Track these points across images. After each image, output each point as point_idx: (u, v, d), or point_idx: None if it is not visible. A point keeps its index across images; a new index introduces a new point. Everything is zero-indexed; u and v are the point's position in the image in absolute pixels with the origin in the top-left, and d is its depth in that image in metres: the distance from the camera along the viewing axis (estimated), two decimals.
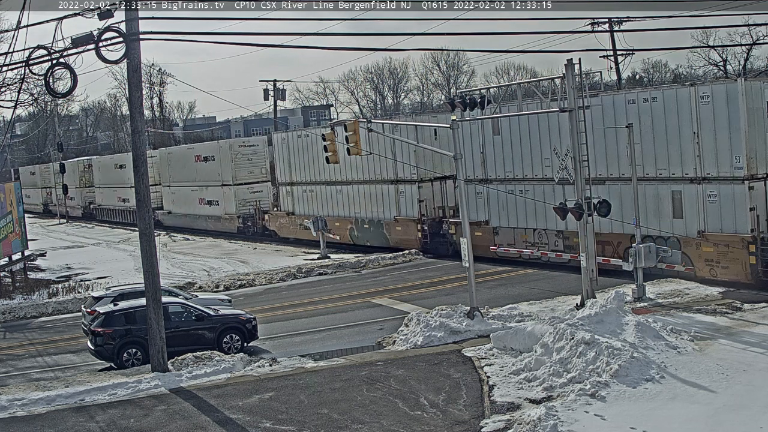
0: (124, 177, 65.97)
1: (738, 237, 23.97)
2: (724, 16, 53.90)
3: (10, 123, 70.99)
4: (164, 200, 61.85)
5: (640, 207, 24.80)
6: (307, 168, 43.90)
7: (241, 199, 51.59)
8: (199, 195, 55.86)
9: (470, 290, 22.43)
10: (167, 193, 61.17)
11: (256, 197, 51.25)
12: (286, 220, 46.19)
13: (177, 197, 59.38)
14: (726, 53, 67.54)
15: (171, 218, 60.25)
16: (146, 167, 20.18)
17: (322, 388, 17.69)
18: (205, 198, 55.29)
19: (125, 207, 67.01)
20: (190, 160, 56.89)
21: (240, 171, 51.89)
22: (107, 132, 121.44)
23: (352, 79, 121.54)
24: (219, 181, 53.06)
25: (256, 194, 51.47)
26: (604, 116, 27.12)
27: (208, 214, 54.82)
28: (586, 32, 45.70)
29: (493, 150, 32.51)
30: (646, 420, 14.12)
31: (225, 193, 52.54)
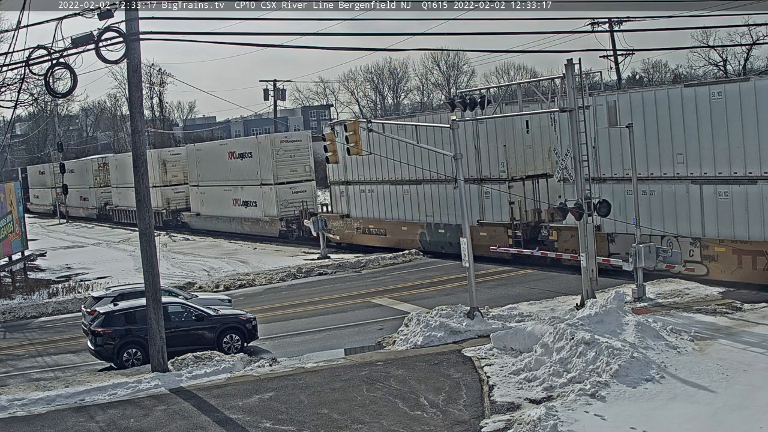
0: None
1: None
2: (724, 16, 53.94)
3: (10, 123, 70.98)
4: (192, 201, 57.88)
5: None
6: (367, 164, 38.76)
7: (283, 200, 47.02)
8: (234, 195, 51.59)
9: (470, 290, 22.43)
10: (196, 194, 56.90)
11: (299, 198, 46.94)
12: (339, 223, 41.63)
13: (207, 198, 55.05)
14: (726, 53, 67.56)
15: (200, 220, 56.26)
16: (146, 167, 20.15)
17: (322, 388, 17.69)
18: (241, 198, 50.95)
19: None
20: (223, 156, 52.65)
21: (282, 169, 47.01)
22: (107, 132, 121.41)
23: (352, 79, 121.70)
24: (257, 180, 48.54)
25: (299, 194, 47.17)
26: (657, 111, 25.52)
27: (244, 217, 50.41)
28: (586, 32, 45.73)
29: (609, 144, 27.58)
30: (646, 420, 14.12)
31: (265, 193, 48.07)
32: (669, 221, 26.01)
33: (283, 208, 47.06)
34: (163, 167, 60.80)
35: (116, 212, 70.26)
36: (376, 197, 39.22)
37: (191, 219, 57.38)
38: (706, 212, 24.98)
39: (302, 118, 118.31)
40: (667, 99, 25.67)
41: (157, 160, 60.25)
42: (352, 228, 41.02)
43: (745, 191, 23.88)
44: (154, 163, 58.88)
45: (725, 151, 24.20)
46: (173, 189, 60.68)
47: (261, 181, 48.22)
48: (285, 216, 46.62)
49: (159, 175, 60.05)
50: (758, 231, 23.57)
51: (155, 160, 59.61)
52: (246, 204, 50.50)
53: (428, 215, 36.09)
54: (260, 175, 48.27)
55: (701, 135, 24.74)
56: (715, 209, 24.71)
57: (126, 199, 67.28)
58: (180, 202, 60.34)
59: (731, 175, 24.21)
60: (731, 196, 24.26)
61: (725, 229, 24.49)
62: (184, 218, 58.30)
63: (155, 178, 59.05)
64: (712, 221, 24.84)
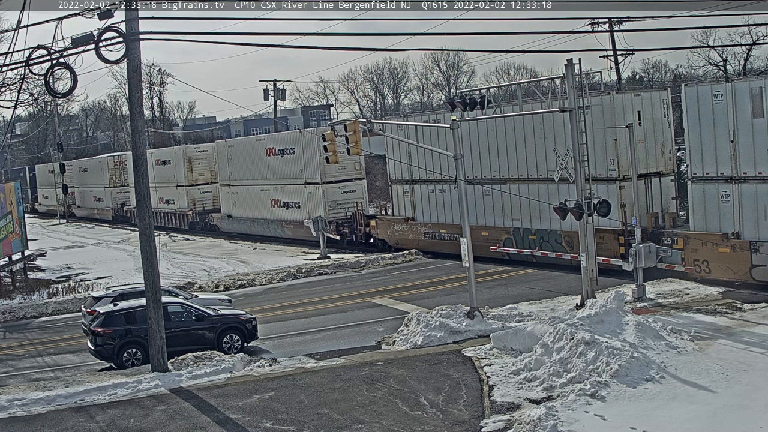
0: (168, 175, 58.80)
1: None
2: (724, 16, 53.92)
3: (10, 123, 70.97)
4: (222, 202, 53.33)
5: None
6: (438, 160, 33.81)
7: (331, 201, 42.46)
8: (272, 196, 47.09)
9: (470, 290, 22.43)
10: (227, 194, 52.32)
11: (350, 198, 42.57)
12: (403, 227, 37.60)
13: (241, 198, 50.51)
14: (726, 53, 67.49)
15: (232, 223, 51.71)
16: (146, 167, 20.13)
17: (322, 388, 17.69)
18: (281, 199, 46.39)
19: (169, 209, 59.35)
20: (260, 153, 47.93)
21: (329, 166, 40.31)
22: (107, 132, 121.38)
23: (352, 79, 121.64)
24: (300, 178, 43.96)
25: (349, 194, 42.77)
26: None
27: (285, 219, 45.59)
28: (586, 32, 45.69)
29: (752, 138, 23.39)
30: (646, 420, 14.12)
31: (310, 193, 43.47)
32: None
33: (332, 209, 42.54)
34: (189, 165, 57.02)
35: (134, 214, 67.63)
36: (449, 198, 34.26)
37: (221, 221, 53.06)
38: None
39: (302, 118, 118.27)
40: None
41: (183, 158, 56.98)
42: (418, 233, 36.67)
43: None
44: (179, 160, 56.85)
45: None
46: (200, 189, 56.92)
47: (305, 180, 43.78)
48: (334, 218, 42.07)
49: (184, 173, 56.82)
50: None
51: (180, 158, 56.95)
52: (287, 205, 46.00)
53: (515, 218, 31.57)
54: (304, 173, 43.70)
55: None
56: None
57: None
58: (207, 203, 56.56)
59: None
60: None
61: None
62: (214, 220, 54.21)
63: (180, 176, 56.92)
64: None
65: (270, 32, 47.19)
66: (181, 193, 57.09)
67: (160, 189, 59.45)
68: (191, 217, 56.24)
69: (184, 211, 56.46)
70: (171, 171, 58.17)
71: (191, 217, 56.24)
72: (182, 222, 57.20)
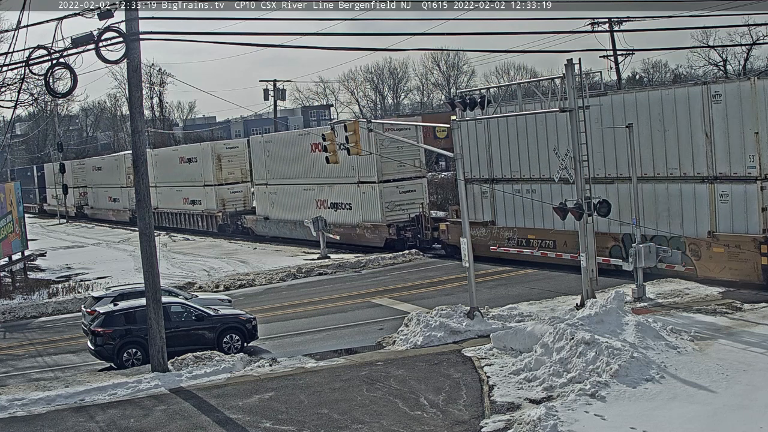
0: (194, 173, 55.03)
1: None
2: (724, 16, 53.88)
3: (10, 123, 70.85)
4: (258, 202, 49.73)
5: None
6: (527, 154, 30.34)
7: (389, 202, 38.52)
8: (318, 196, 43.18)
9: (470, 290, 22.43)
10: (263, 194, 48.43)
11: (410, 198, 38.63)
12: (481, 231, 32.81)
13: (280, 199, 46.64)
14: (726, 53, 67.54)
15: (269, 225, 47.70)
16: (146, 167, 20.14)
17: (322, 388, 17.69)
18: (328, 200, 42.44)
19: (195, 211, 55.45)
20: (303, 149, 43.68)
21: (387, 163, 37.89)
22: (107, 132, 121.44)
23: (352, 79, 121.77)
24: (352, 177, 40.06)
25: (408, 194, 38.70)
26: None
27: (333, 222, 41.16)
28: (586, 32, 45.72)
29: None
30: (646, 420, 14.12)
31: (364, 193, 39.65)
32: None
33: (389, 211, 38.47)
34: (218, 163, 53.32)
35: (156, 215, 59.73)
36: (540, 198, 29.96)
37: (257, 224, 49.07)
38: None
39: (302, 118, 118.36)
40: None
41: (211, 155, 53.37)
42: (500, 238, 32.11)
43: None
44: (207, 158, 53.56)
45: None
46: (229, 188, 53.21)
47: (358, 179, 39.84)
48: (394, 221, 38.14)
49: (213, 172, 53.21)
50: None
51: (209, 155, 53.42)
52: (336, 207, 41.87)
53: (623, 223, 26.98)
54: (357, 171, 39.52)
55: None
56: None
57: (169, 200, 59.27)
58: (237, 203, 53.02)
59: None
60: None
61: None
62: (247, 222, 50.29)
63: (208, 175, 53.60)
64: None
65: (270, 32, 47.17)
66: (209, 194, 53.57)
67: (185, 189, 56.57)
68: (221, 218, 52.65)
69: (213, 213, 53.12)
70: (197, 169, 54.57)
71: (221, 218, 52.65)
72: (210, 224, 53.69)
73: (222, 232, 52.22)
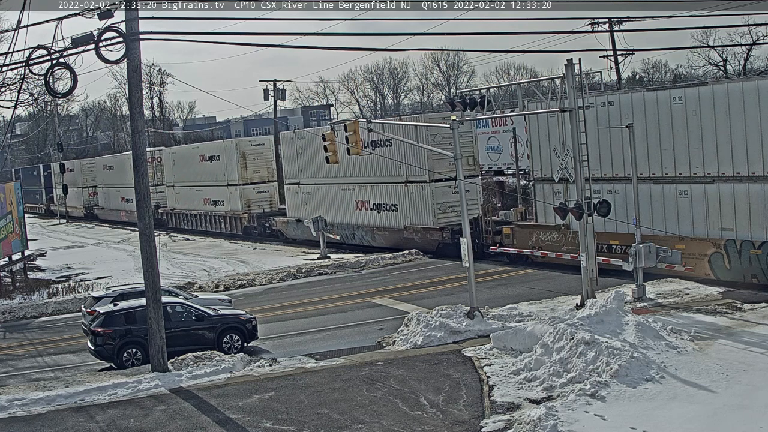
0: (216, 172, 52.01)
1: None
2: (724, 16, 53.91)
3: (10, 123, 70.81)
4: (289, 203, 46.00)
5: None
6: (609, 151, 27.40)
7: (441, 203, 35.28)
8: (359, 196, 39.89)
9: (470, 290, 22.43)
10: (295, 194, 45.18)
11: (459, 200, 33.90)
12: (553, 236, 29.69)
13: (314, 199, 43.25)
14: (726, 53, 67.52)
15: (302, 228, 43.89)
16: (146, 167, 20.10)
17: (322, 388, 17.70)
18: (370, 201, 39.19)
19: (217, 212, 52.51)
20: (341, 146, 39.89)
21: (440, 161, 33.89)
22: (107, 132, 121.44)
23: (352, 79, 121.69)
24: (399, 176, 36.81)
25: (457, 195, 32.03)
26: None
27: (376, 225, 38.41)
28: (586, 32, 45.70)
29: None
30: (646, 420, 14.12)
31: (412, 193, 36.44)
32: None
33: (441, 213, 35.34)
34: (243, 161, 50.12)
35: (173, 217, 58.50)
36: (623, 200, 26.67)
37: (287, 226, 45.49)
38: None
39: (302, 118, 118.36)
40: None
41: (236, 152, 50.23)
42: (576, 243, 26.71)
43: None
44: (231, 155, 50.65)
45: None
46: (255, 188, 50.23)
47: (406, 178, 36.53)
48: (446, 224, 34.97)
49: (238, 170, 50.04)
50: None
51: (233, 152, 50.43)
52: (378, 208, 38.65)
53: (725, 228, 24.18)
54: (404, 169, 36.16)
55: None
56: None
57: (189, 200, 55.96)
58: (264, 204, 50.08)
59: None
60: None
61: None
62: (277, 224, 46.97)
63: (232, 174, 50.60)
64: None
65: (270, 32, 47.22)
66: (234, 194, 50.43)
67: (206, 188, 53.41)
68: (246, 220, 49.51)
69: (237, 214, 50.08)
70: (220, 168, 51.50)
71: (246, 220, 49.51)
72: (234, 226, 50.77)
73: (247, 234, 49.39)
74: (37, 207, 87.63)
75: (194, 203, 55.71)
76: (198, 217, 55.03)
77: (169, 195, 59.21)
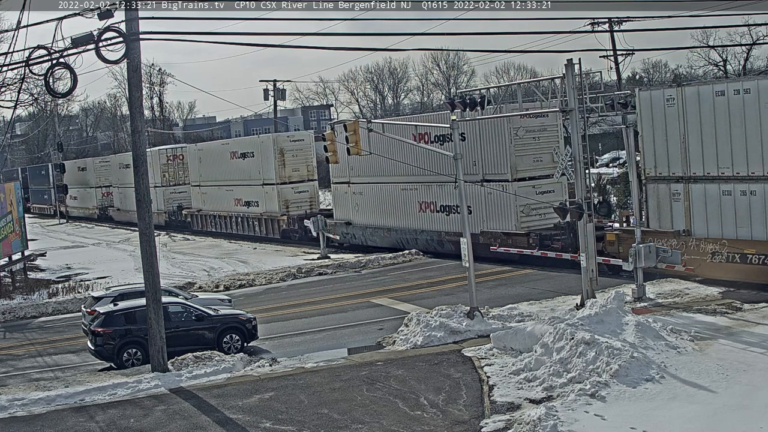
0: (250, 170, 48.07)
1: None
2: (724, 16, 53.91)
3: (10, 123, 70.80)
4: (336, 204, 42.05)
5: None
6: (742, 144, 23.70)
7: (524, 205, 31.33)
8: (423, 197, 35.65)
9: (470, 290, 22.43)
10: (343, 194, 41.22)
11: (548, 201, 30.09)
12: (671, 243, 25.09)
13: (367, 200, 39.40)
14: (726, 53, 67.48)
15: (351, 232, 40.60)
16: (146, 167, 20.11)
17: (322, 388, 17.70)
18: (437, 202, 34.75)
19: (250, 213, 48.43)
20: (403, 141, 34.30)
21: (522, 157, 31.34)
22: (107, 132, 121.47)
23: (352, 79, 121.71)
24: (474, 174, 32.28)
25: (546, 195, 30.94)
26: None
27: (445, 230, 34.33)
28: (586, 32, 45.68)
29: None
30: (646, 420, 14.13)
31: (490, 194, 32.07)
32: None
33: (525, 216, 31.57)
34: (281, 158, 46.00)
35: (199, 218, 54.37)
36: (763, 202, 23.34)
37: (335, 229, 41.20)
38: None
39: (302, 118, 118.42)
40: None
41: (273, 149, 45.73)
42: (699, 252, 24.42)
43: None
44: (267, 152, 46.42)
45: None
46: (293, 187, 46.06)
47: (482, 176, 32.69)
48: (531, 229, 31.12)
49: (275, 168, 45.71)
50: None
51: (270, 149, 45.99)
52: (447, 210, 34.61)
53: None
54: (481, 166, 32.67)
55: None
56: None
57: (217, 201, 52.07)
58: (303, 205, 45.96)
59: None
60: None
61: None
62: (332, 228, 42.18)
63: (268, 172, 46.45)
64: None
65: (270, 32, 47.17)
66: (270, 194, 46.40)
67: (238, 188, 49.55)
68: (285, 223, 45.06)
69: (274, 216, 45.78)
70: (254, 166, 47.60)
71: (285, 223, 45.06)
72: (271, 229, 46.58)
73: (286, 238, 45.19)
74: (46, 208, 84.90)
75: (224, 204, 51.67)
76: (228, 219, 50.93)
77: (195, 195, 55.58)
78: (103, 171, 72.02)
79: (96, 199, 73.14)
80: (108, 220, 69.84)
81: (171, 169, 59.03)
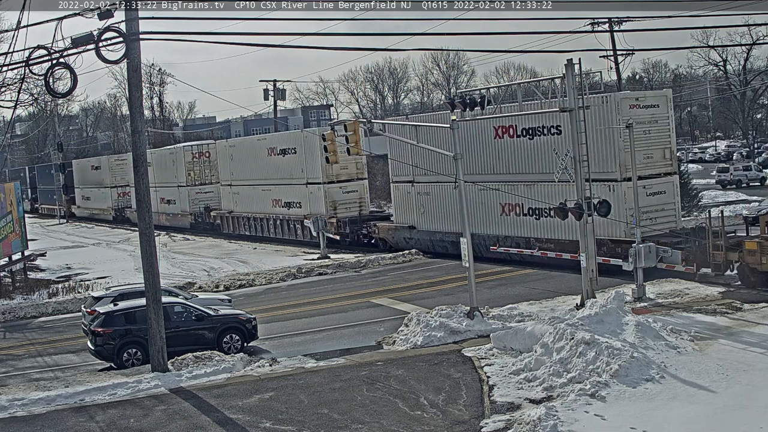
0: (291, 169, 43.83)
1: None
2: (724, 16, 53.97)
3: (10, 123, 70.74)
4: (397, 206, 38.50)
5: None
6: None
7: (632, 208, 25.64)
8: (507, 198, 31.35)
9: (470, 290, 22.42)
10: (406, 194, 37.45)
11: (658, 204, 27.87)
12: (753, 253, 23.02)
13: (436, 201, 35.48)
14: (726, 53, 67.63)
15: (416, 237, 36.93)
16: (146, 167, 20.09)
17: (322, 388, 17.70)
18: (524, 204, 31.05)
19: (291, 215, 44.17)
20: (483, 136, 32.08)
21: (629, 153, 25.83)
22: (107, 132, 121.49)
23: (352, 79, 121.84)
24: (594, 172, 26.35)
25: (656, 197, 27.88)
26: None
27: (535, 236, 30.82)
28: (586, 32, 45.68)
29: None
30: (646, 420, 14.13)
31: (616, 192, 27.39)
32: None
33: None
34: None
35: (230, 221, 50.09)
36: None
37: (396, 234, 38.04)
38: None
39: (302, 118, 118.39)
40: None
41: (319, 144, 36.24)
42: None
43: None
44: (313, 148, 41.51)
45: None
46: (341, 187, 41.91)
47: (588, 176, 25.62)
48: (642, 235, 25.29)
49: (321, 166, 40.69)
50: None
51: (316, 144, 39.78)
52: (537, 214, 30.57)
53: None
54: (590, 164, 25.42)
55: None
56: None
57: (252, 202, 47.77)
58: (352, 206, 41.88)
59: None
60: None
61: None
62: (380, 231, 39.24)
63: (314, 171, 42.20)
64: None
65: (270, 32, 46.86)
66: (315, 194, 42.30)
67: (277, 188, 45.44)
68: (334, 225, 40.87)
69: (324, 218, 40.91)
70: (296, 163, 43.51)
71: (334, 225, 40.87)
72: (311, 231, 41.28)
73: (333, 243, 40.57)
74: (54, 209, 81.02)
75: (260, 205, 47.32)
76: (265, 222, 46.83)
77: (225, 195, 51.39)
78: (119, 170, 68.00)
79: (111, 200, 69.47)
80: (125, 222, 65.36)
81: (197, 167, 55.36)
